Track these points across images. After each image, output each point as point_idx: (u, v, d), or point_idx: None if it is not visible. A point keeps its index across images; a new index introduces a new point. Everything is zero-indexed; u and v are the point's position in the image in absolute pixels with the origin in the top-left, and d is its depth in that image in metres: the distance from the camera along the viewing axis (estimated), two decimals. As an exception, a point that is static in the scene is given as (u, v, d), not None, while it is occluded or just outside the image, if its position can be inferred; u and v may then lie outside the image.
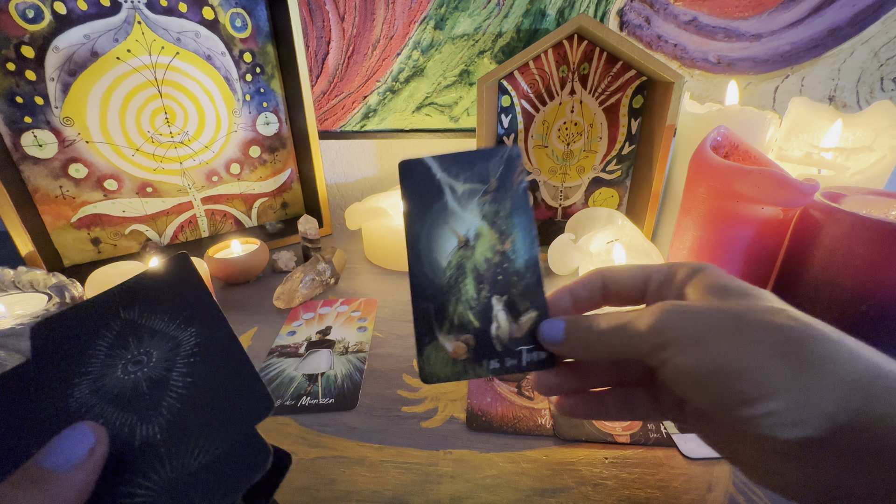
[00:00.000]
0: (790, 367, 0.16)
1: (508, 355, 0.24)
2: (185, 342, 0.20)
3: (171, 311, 0.21)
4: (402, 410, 0.33)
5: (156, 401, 0.18)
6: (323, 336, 0.42)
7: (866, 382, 0.16)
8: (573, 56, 0.55)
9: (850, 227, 0.32)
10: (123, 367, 0.20)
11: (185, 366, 0.19)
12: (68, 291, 0.40)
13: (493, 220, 0.26)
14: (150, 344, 0.20)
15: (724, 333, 0.17)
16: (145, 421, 0.18)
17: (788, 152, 0.46)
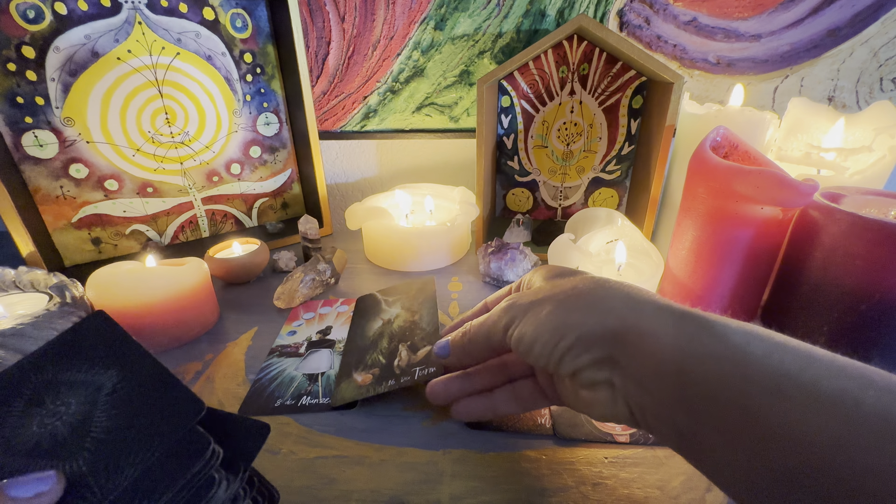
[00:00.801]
0: (577, 313, 0.22)
1: (405, 375, 0.33)
2: (105, 383, 0.21)
3: (88, 360, 0.22)
4: (402, 410, 0.33)
5: (79, 440, 0.19)
6: (323, 336, 0.42)
7: (620, 307, 0.22)
8: (573, 56, 0.55)
9: (850, 228, 0.32)
10: (39, 421, 0.20)
11: (107, 403, 0.20)
12: (69, 291, 0.40)
13: (409, 307, 0.42)
14: (69, 394, 0.21)
15: (541, 303, 0.24)
16: (68, 460, 0.18)
17: (788, 152, 0.46)
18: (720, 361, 0.18)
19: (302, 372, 0.37)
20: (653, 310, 0.21)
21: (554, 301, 0.23)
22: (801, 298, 0.36)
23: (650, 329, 0.20)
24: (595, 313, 0.22)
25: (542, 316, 0.23)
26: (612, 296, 0.22)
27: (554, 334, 0.22)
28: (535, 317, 0.23)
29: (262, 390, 0.35)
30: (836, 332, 0.34)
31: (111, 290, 0.39)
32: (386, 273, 0.54)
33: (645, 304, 0.22)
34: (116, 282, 0.39)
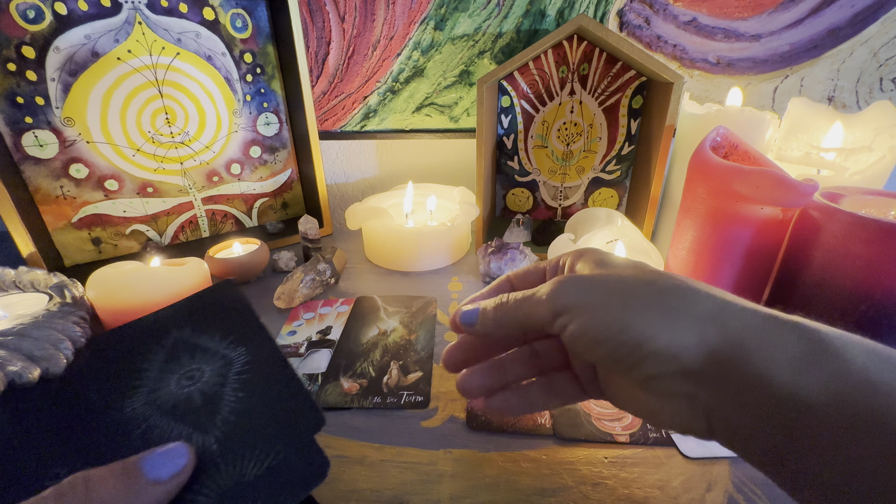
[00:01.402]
0: (661, 313, 0.19)
1: (391, 396, 0.33)
2: (236, 360, 0.21)
3: (220, 331, 0.23)
4: (402, 410, 0.33)
5: (210, 413, 0.19)
6: (323, 336, 0.42)
7: (718, 316, 0.19)
8: (573, 56, 0.55)
9: (850, 227, 0.32)
10: (177, 380, 0.21)
11: (237, 382, 0.20)
12: (69, 291, 0.40)
13: (407, 324, 0.42)
14: (202, 360, 0.22)
15: (609, 294, 0.21)
16: (200, 431, 0.19)
17: (788, 152, 0.46)
18: (842, 389, 0.16)
19: (302, 372, 0.37)
20: (759, 321, 0.18)
21: (628, 296, 0.20)
22: (801, 298, 0.36)
23: (758, 345, 0.18)
24: (687, 318, 0.19)
25: (614, 311, 0.20)
26: (702, 298, 0.20)
27: (631, 336, 0.19)
28: (604, 311, 0.20)
29: (262, 390, 0.35)
30: (835, 332, 0.34)
31: (111, 290, 0.39)
32: (386, 273, 0.54)
33: (745, 312, 0.19)
34: (116, 282, 0.39)
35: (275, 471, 0.18)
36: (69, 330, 0.36)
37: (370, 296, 0.48)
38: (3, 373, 0.30)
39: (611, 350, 0.20)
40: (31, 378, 0.31)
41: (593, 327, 0.20)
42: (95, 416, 0.19)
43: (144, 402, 0.20)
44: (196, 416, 0.19)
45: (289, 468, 0.18)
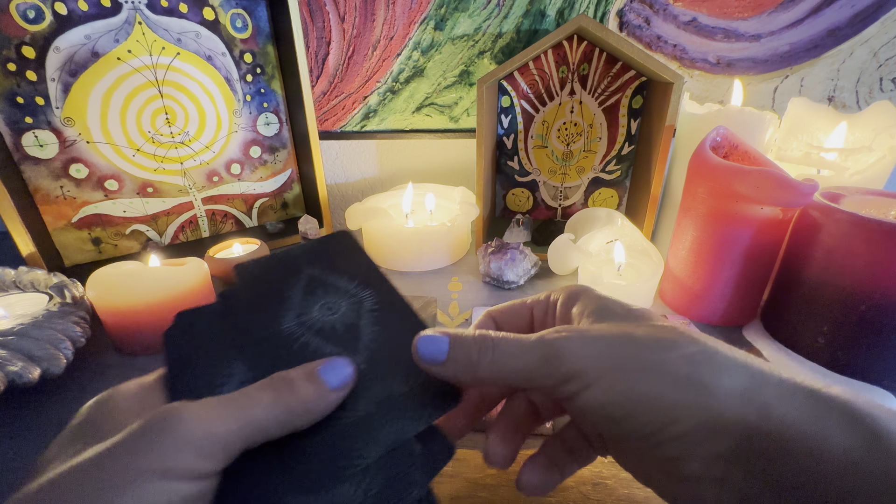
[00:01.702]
0: (691, 388, 0.17)
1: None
2: (365, 300, 0.24)
3: (347, 273, 0.25)
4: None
5: (353, 340, 0.22)
6: (323, 336, 0.42)
7: (756, 391, 0.16)
8: (573, 56, 0.55)
9: (850, 228, 0.32)
10: (319, 309, 0.23)
11: (370, 318, 0.23)
12: (69, 291, 0.40)
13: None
14: (336, 296, 0.24)
15: (626, 360, 0.17)
16: (350, 352, 0.21)
17: (788, 152, 0.46)
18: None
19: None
20: (802, 400, 0.16)
21: (649, 363, 0.17)
22: (801, 298, 0.36)
23: (805, 431, 0.15)
24: (720, 394, 0.16)
25: (634, 383, 0.17)
26: (735, 368, 0.17)
27: (656, 415, 0.17)
28: (622, 382, 0.17)
29: (262, 390, 0.35)
30: (836, 332, 0.34)
31: (111, 290, 0.39)
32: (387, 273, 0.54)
33: (784, 387, 0.16)
34: (116, 282, 0.39)
35: (417, 391, 0.20)
36: (69, 330, 0.36)
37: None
38: (3, 373, 0.30)
39: (630, 429, 0.17)
40: (31, 378, 0.31)
41: (610, 401, 0.17)
42: (257, 329, 0.22)
43: (295, 322, 0.22)
44: (342, 340, 0.22)
45: (427, 392, 0.20)
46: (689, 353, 0.17)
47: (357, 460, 0.18)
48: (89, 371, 0.38)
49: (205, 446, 0.15)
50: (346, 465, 0.18)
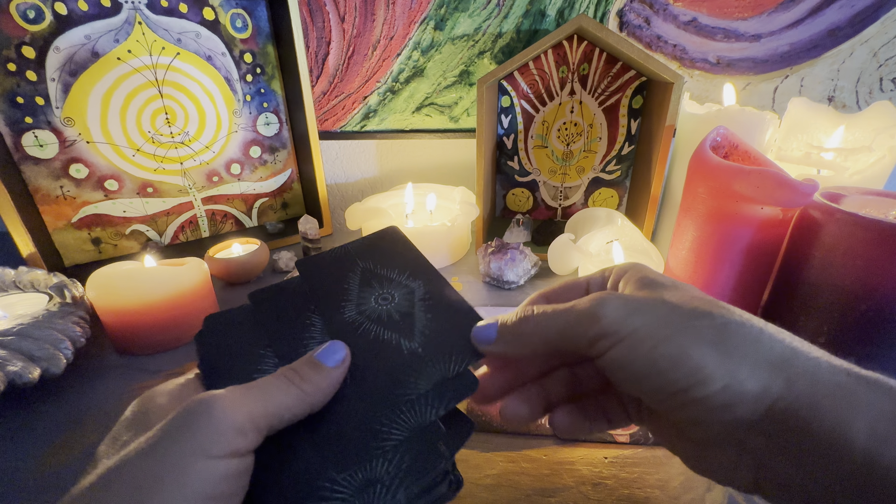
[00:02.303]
0: (719, 354, 0.17)
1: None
2: (416, 290, 0.26)
3: (398, 266, 0.27)
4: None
5: (409, 326, 0.24)
6: (323, 336, 0.42)
7: (785, 363, 0.17)
8: (573, 56, 0.55)
9: (850, 227, 0.32)
10: (375, 299, 0.25)
11: (423, 307, 0.25)
12: (69, 291, 0.40)
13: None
14: (390, 287, 0.26)
15: (659, 321, 0.18)
16: (407, 338, 0.23)
17: (788, 152, 0.46)
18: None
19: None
20: (832, 373, 0.16)
21: (681, 327, 0.18)
22: (801, 298, 0.36)
23: (832, 403, 0.16)
24: (749, 362, 0.17)
25: (664, 343, 0.17)
26: (767, 339, 0.17)
27: (682, 374, 0.17)
28: (652, 341, 0.18)
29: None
30: (836, 332, 0.34)
31: (111, 290, 0.39)
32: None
33: (815, 362, 0.17)
34: (116, 282, 0.39)
35: (459, 377, 0.22)
36: (69, 330, 0.36)
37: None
38: (3, 373, 0.30)
39: (656, 387, 0.18)
40: (31, 378, 0.31)
41: (638, 358, 0.18)
42: (323, 315, 0.25)
43: (356, 311, 0.24)
44: (399, 327, 0.23)
45: (462, 379, 0.22)
46: (722, 322, 0.18)
47: (384, 440, 0.20)
48: (89, 371, 0.38)
49: (239, 425, 0.16)
50: (375, 444, 0.20)
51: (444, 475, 0.21)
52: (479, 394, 0.25)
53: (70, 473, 0.28)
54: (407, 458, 0.20)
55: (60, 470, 0.29)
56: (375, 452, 0.19)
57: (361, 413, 0.21)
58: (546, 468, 0.28)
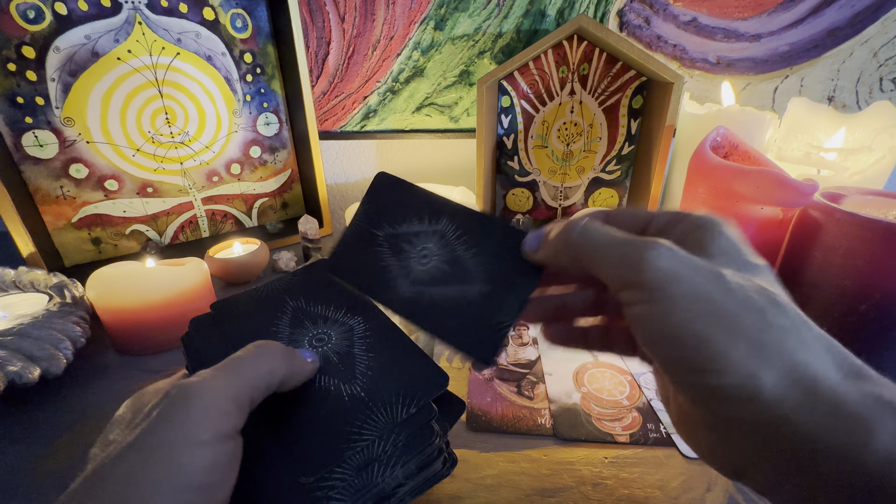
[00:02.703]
0: (749, 350, 0.16)
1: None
2: (356, 327, 0.24)
3: (333, 303, 0.26)
4: (402, 410, 0.33)
5: (349, 368, 0.22)
6: (323, 336, 0.42)
7: (814, 384, 0.15)
8: (573, 56, 0.55)
9: (850, 228, 0.32)
10: (309, 341, 0.24)
11: (363, 345, 0.24)
12: (69, 291, 0.40)
13: (407, 324, 0.30)
14: (325, 327, 0.25)
15: (701, 299, 0.16)
16: (347, 383, 0.22)
17: (788, 152, 0.46)
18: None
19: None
20: (854, 402, 0.15)
21: (721, 314, 0.16)
22: (800, 298, 0.36)
23: (851, 430, 0.15)
24: (773, 369, 0.16)
25: (695, 318, 0.16)
26: (802, 352, 0.16)
27: (703, 357, 0.16)
28: (684, 310, 0.16)
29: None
30: (836, 333, 0.34)
31: (111, 290, 0.39)
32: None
33: (840, 387, 0.16)
34: (116, 282, 0.39)
35: (420, 413, 0.21)
36: (69, 330, 0.36)
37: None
38: (2, 373, 0.30)
39: (671, 357, 0.17)
40: (31, 378, 0.31)
41: (666, 324, 0.16)
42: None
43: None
44: (337, 371, 0.22)
45: (428, 412, 0.21)
46: (768, 324, 0.16)
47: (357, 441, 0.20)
48: (89, 371, 0.38)
49: (221, 405, 0.16)
50: (345, 446, 0.19)
51: (438, 452, 0.21)
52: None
53: (70, 473, 0.28)
54: (403, 437, 0.20)
55: (60, 470, 0.29)
56: (344, 454, 0.19)
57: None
58: (546, 468, 0.28)
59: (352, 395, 0.21)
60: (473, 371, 0.37)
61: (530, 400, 0.34)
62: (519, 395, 0.34)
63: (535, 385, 0.35)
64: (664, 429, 0.31)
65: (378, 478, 0.19)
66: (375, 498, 0.20)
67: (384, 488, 0.20)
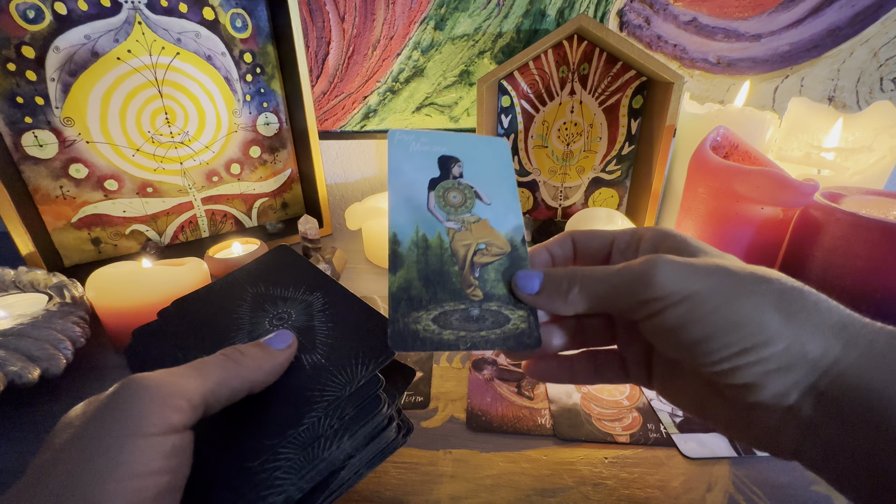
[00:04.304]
0: (782, 317, 0.17)
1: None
2: (315, 302, 0.25)
3: (293, 283, 0.27)
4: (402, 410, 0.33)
5: (310, 340, 0.23)
6: (323, 336, 0.42)
7: (843, 329, 0.17)
8: (573, 56, 0.55)
9: (850, 228, 0.32)
10: (270, 321, 0.25)
11: (322, 317, 0.25)
12: (68, 291, 0.40)
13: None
14: (286, 306, 0.26)
15: (719, 287, 0.18)
16: (308, 353, 0.23)
17: (788, 152, 0.46)
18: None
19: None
20: (887, 339, 0.17)
21: (742, 290, 0.17)
22: (801, 298, 0.36)
23: (889, 367, 0.16)
24: (811, 326, 0.17)
25: (725, 306, 0.17)
26: (825, 305, 0.18)
27: (743, 336, 0.17)
28: (712, 304, 0.17)
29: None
30: (836, 333, 0.34)
31: (111, 291, 0.39)
32: (386, 273, 0.54)
33: (870, 328, 0.17)
34: (116, 282, 0.39)
35: (370, 380, 0.21)
36: (69, 330, 0.36)
37: (370, 296, 0.48)
38: (2, 373, 0.30)
39: (711, 349, 0.17)
40: (30, 378, 0.31)
41: (695, 320, 0.17)
42: (213, 345, 0.24)
43: (247, 339, 0.24)
44: (300, 345, 0.23)
45: (374, 382, 0.21)
46: (783, 288, 0.18)
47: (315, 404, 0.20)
48: (89, 371, 0.38)
49: (171, 401, 0.17)
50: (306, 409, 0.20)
51: (388, 420, 0.22)
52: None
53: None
54: (349, 409, 0.21)
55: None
56: (304, 419, 0.20)
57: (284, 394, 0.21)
58: (546, 468, 0.28)
59: (312, 363, 0.22)
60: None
61: (530, 400, 0.34)
62: (519, 395, 0.34)
63: (535, 385, 0.35)
64: (664, 429, 0.31)
65: (324, 452, 0.20)
66: (325, 471, 0.20)
67: (332, 461, 0.20)
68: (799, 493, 0.26)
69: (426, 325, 0.21)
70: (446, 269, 0.23)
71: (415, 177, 0.24)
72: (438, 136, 0.25)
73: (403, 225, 0.23)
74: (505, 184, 0.25)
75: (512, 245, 0.24)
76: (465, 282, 0.23)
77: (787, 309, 0.17)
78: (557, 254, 0.24)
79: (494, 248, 0.24)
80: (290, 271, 0.28)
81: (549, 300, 0.21)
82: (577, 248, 0.24)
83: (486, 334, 0.22)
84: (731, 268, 0.18)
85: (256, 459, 0.19)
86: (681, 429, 0.31)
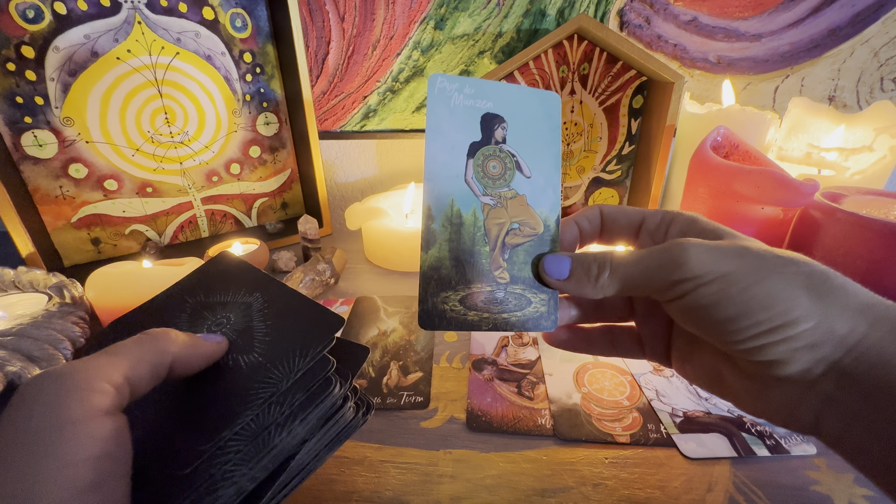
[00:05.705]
0: (811, 296, 0.18)
1: (391, 396, 0.33)
2: (254, 303, 0.25)
3: (232, 288, 0.27)
4: (402, 411, 0.33)
5: (248, 341, 0.23)
6: (323, 336, 0.42)
7: (869, 309, 0.18)
8: (573, 56, 0.55)
9: (850, 227, 0.32)
10: (208, 327, 0.25)
11: (261, 316, 0.25)
12: (68, 291, 0.40)
13: (407, 324, 0.35)
14: (225, 311, 0.26)
15: (748, 268, 0.18)
16: (246, 353, 0.23)
17: (788, 152, 0.46)
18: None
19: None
20: (879, 316, 0.18)
21: (770, 271, 0.18)
22: (801, 298, 0.36)
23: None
24: (839, 306, 0.17)
25: (755, 286, 0.18)
26: (852, 286, 0.18)
27: (774, 314, 0.17)
28: (743, 284, 0.18)
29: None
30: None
31: (111, 291, 0.39)
32: (386, 273, 0.54)
33: (891, 307, 0.18)
34: (116, 282, 0.39)
35: (318, 363, 0.21)
36: (68, 330, 0.36)
37: (370, 296, 0.48)
38: (2, 373, 0.30)
39: (741, 327, 0.18)
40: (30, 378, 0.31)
41: (726, 299, 0.18)
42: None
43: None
44: (237, 347, 0.23)
45: (324, 364, 0.21)
46: (810, 269, 0.18)
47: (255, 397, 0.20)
48: (89, 371, 0.38)
49: (92, 384, 0.17)
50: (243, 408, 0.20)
51: (343, 400, 0.22)
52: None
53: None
54: (299, 395, 0.20)
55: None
56: (243, 414, 0.20)
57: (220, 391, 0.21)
58: (546, 468, 0.28)
59: (249, 362, 0.22)
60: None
61: (530, 400, 0.34)
62: (519, 395, 0.34)
63: (536, 385, 0.35)
64: (664, 429, 0.31)
65: (275, 439, 0.19)
66: (279, 458, 0.20)
67: (285, 447, 0.20)
68: (799, 493, 0.26)
69: (453, 304, 0.21)
70: (477, 248, 0.22)
71: (455, 139, 0.21)
72: (485, 87, 0.22)
73: (440, 197, 0.21)
74: (548, 152, 0.23)
75: (545, 225, 0.23)
76: (495, 263, 0.22)
77: (817, 289, 0.18)
78: (586, 228, 0.24)
79: (527, 228, 0.23)
80: (229, 276, 0.28)
81: (578, 285, 0.21)
82: (605, 222, 0.24)
83: (508, 316, 0.22)
84: (759, 250, 0.19)
85: (188, 467, 0.19)
86: (681, 429, 0.31)
